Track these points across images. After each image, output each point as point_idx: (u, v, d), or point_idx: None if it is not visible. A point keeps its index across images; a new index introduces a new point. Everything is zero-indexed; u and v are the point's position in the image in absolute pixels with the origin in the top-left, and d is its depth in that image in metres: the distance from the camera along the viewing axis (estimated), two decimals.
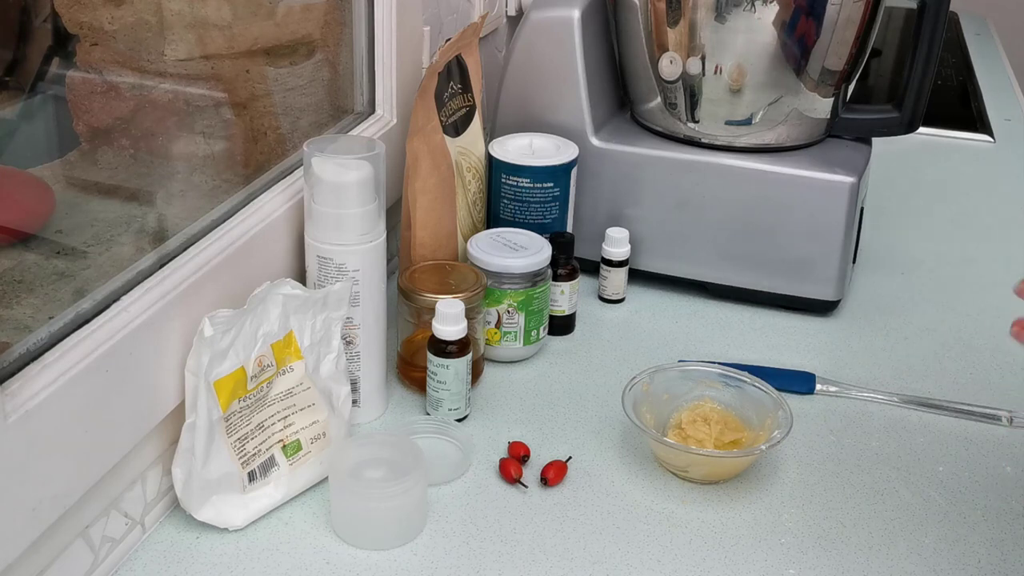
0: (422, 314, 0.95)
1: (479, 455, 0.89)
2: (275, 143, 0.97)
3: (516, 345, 1.01)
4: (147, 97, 0.84)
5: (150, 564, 0.76)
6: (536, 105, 1.15)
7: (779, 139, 1.12)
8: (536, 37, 1.14)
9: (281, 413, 0.82)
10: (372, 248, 0.87)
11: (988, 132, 1.70)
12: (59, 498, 0.67)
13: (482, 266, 0.99)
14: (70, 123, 0.81)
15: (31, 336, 0.67)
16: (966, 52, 2.17)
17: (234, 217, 0.86)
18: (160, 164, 0.88)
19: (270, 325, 0.80)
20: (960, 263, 1.26)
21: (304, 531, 0.80)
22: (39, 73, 0.82)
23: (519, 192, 1.08)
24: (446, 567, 0.77)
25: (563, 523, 0.82)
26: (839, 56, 1.08)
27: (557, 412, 0.95)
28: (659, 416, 0.90)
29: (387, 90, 1.08)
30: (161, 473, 0.80)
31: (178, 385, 0.77)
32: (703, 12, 1.06)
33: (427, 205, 1.01)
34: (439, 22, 1.18)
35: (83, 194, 0.82)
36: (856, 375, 1.02)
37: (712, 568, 0.78)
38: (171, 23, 0.85)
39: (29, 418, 0.63)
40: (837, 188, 1.08)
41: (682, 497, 0.85)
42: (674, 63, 1.10)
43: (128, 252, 0.78)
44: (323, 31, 1.02)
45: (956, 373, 1.03)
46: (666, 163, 1.12)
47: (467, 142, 1.06)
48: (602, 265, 1.13)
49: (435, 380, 0.91)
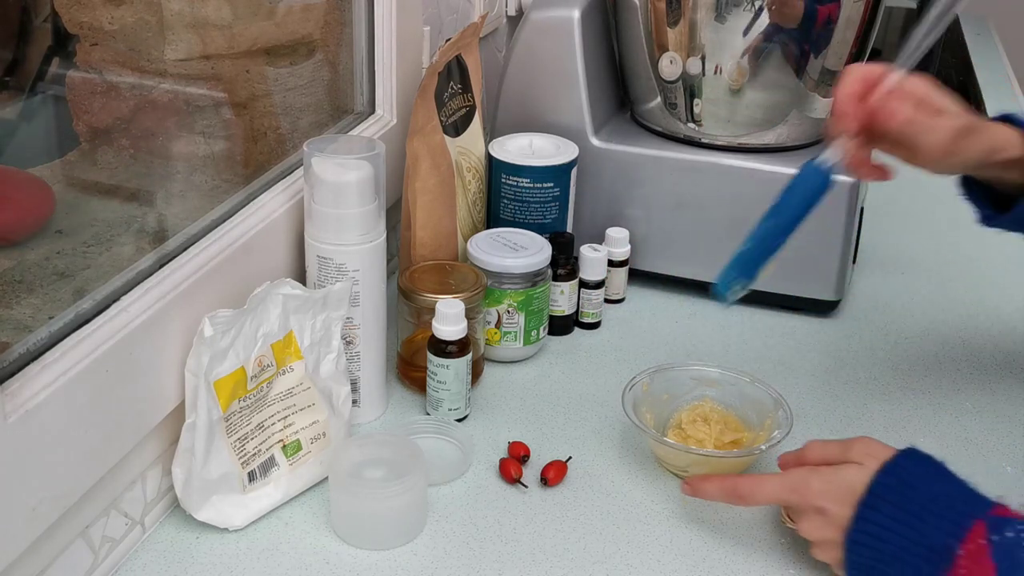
0: (422, 314, 0.95)
1: (479, 455, 0.89)
2: (275, 143, 0.97)
3: (516, 345, 1.01)
4: (147, 97, 0.84)
5: (150, 564, 0.76)
6: (536, 105, 1.15)
7: (779, 139, 1.12)
8: (536, 37, 1.14)
9: (281, 413, 0.82)
10: (372, 248, 0.87)
11: None
12: (59, 498, 0.67)
13: (482, 266, 0.99)
14: (70, 123, 0.82)
15: (31, 336, 0.67)
16: (966, 52, 2.17)
17: (234, 217, 0.86)
18: (160, 164, 0.88)
19: (270, 325, 0.80)
20: (960, 263, 1.26)
21: (304, 531, 0.80)
22: (39, 73, 0.82)
23: (519, 192, 1.08)
24: (446, 567, 0.77)
25: (563, 523, 0.82)
26: (839, 56, 1.08)
27: (557, 412, 0.95)
28: (659, 416, 0.90)
29: (387, 90, 1.08)
30: (161, 473, 0.80)
31: (178, 385, 0.77)
32: (703, 12, 1.06)
33: (427, 205, 1.01)
34: (439, 22, 1.18)
35: (83, 194, 0.82)
36: (856, 375, 1.02)
37: (712, 568, 0.78)
38: (171, 23, 0.85)
39: (29, 418, 0.63)
40: (837, 188, 1.07)
41: (682, 497, 0.85)
42: (674, 63, 1.10)
43: (128, 252, 0.78)
44: (323, 31, 1.02)
45: (956, 373, 1.03)
46: (666, 163, 1.12)
47: (467, 142, 1.06)
48: None
49: (435, 380, 0.91)
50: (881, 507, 0.71)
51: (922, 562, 0.69)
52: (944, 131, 0.80)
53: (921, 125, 0.80)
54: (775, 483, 0.77)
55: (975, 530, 0.68)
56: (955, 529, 0.69)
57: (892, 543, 0.70)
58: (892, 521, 0.70)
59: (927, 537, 0.69)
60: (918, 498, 0.71)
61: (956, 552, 0.68)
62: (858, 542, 0.71)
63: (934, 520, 0.69)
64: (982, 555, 0.67)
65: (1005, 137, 0.82)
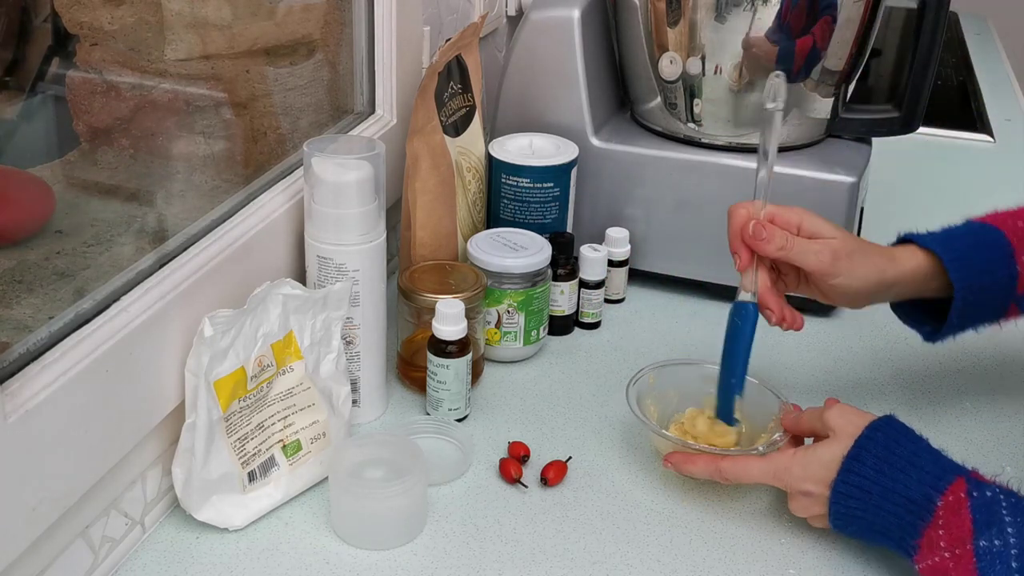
0: (422, 314, 0.95)
1: (479, 455, 0.89)
2: (275, 143, 0.97)
3: (516, 345, 1.01)
4: (147, 97, 0.84)
5: (150, 564, 0.76)
6: (536, 105, 1.15)
7: (779, 139, 1.11)
8: (536, 37, 1.14)
9: (281, 413, 0.82)
10: (372, 248, 0.87)
11: (988, 132, 1.70)
12: (59, 498, 0.67)
13: (482, 266, 0.99)
14: (70, 123, 0.82)
15: (31, 336, 0.67)
16: (966, 52, 2.17)
17: (234, 217, 0.86)
18: (160, 164, 0.88)
19: (270, 325, 0.80)
20: None
21: (304, 531, 0.80)
22: (39, 73, 0.82)
23: (519, 192, 1.08)
24: (446, 567, 0.77)
25: (563, 523, 0.82)
26: (839, 56, 1.08)
27: (557, 412, 0.95)
28: (663, 411, 0.90)
29: (387, 90, 1.08)
30: (161, 473, 0.80)
31: (178, 385, 0.77)
32: (703, 12, 1.06)
33: (427, 205, 1.01)
34: (439, 22, 1.18)
35: (83, 194, 0.82)
36: (856, 375, 1.02)
37: (712, 568, 0.78)
38: (171, 23, 0.85)
39: (29, 418, 0.63)
40: (837, 188, 1.08)
41: (682, 497, 0.85)
42: (674, 63, 1.10)
43: (128, 252, 0.78)
44: (323, 31, 1.02)
45: (956, 373, 1.03)
46: (666, 163, 1.12)
47: (467, 142, 1.06)
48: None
49: (435, 380, 0.91)
50: (865, 459, 0.75)
51: (903, 511, 0.73)
52: (821, 252, 0.85)
53: (795, 249, 0.85)
54: (759, 468, 0.80)
55: (956, 484, 0.72)
56: (936, 482, 0.72)
57: (874, 493, 0.74)
58: (875, 473, 0.74)
59: (909, 489, 0.73)
60: (903, 452, 0.75)
61: (936, 503, 0.71)
62: (843, 493, 0.75)
63: (916, 473, 0.73)
64: (961, 507, 0.70)
65: (900, 254, 0.88)
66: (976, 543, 0.68)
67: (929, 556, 0.70)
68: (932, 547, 0.70)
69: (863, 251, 0.87)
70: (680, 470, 0.83)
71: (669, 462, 0.83)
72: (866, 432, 0.76)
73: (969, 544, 0.68)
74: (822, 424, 0.80)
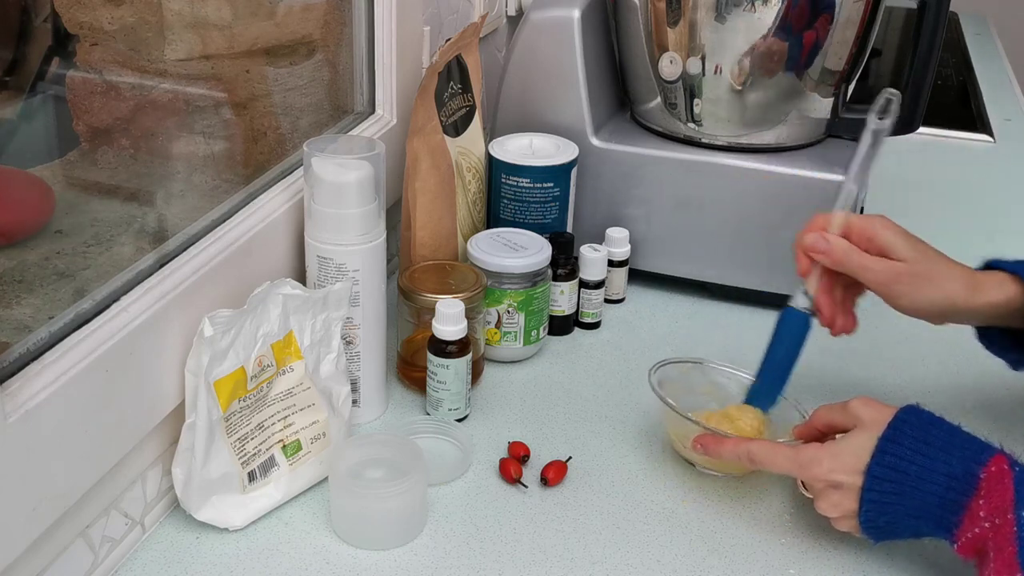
0: (422, 314, 0.95)
1: (479, 455, 0.89)
2: (275, 143, 0.97)
3: (516, 345, 1.01)
4: (147, 97, 0.84)
5: (150, 564, 0.76)
6: (536, 105, 1.15)
7: (779, 139, 1.12)
8: (536, 37, 1.14)
9: (281, 413, 0.82)
10: (372, 248, 0.87)
11: (988, 132, 1.70)
12: (59, 498, 0.67)
13: (482, 266, 0.99)
14: (70, 123, 0.82)
15: (31, 336, 0.67)
16: (966, 52, 2.17)
17: (234, 217, 0.86)
18: (160, 164, 0.88)
19: (270, 325, 0.80)
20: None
21: (304, 531, 0.80)
22: (39, 73, 0.82)
23: (519, 192, 1.08)
24: (446, 567, 0.77)
25: (563, 523, 0.82)
26: (839, 56, 1.08)
27: (557, 412, 0.95)
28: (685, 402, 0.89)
29: (387, 90, 1.08)
30: (161, 473, 0.80)
31: (178, 385, 0.77)
32: (703, 12, 1.06)
33: (427, 205, 1.01)
34: (439, 22, 1.18)
35: (83, 194, 0.82)
36: (856, 375, 1.02)
37: (712, 568, 0.78)
38: (171, 23, 0.85)
39: (29, 418, 0.63)
40: (837, 188, 1.07)
41: (682, 497, 0.85)
42: (674, 63, 1.10)
43: (128, 252, 0.78)
44: (323, 31, 1.02)
45: (957, 373, 1.03)
46: (666, 163, 1.12)
47: (467, 142, 1.06)
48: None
49: (435, 380, 0.91)
50: (902, 440, 0.73)
51: (943, 489, 0.71)
52: (880, 272, 0.82)
53: (852, 265, 0.83)
54: (788, 456, 0.78)
55: (997, 458, 0.70)
56: (977, 456, 0.71)
57: (911, 474, 0.72)
58: (913, 452, 0.72)
59: (950, 465, 0.71)
60: (938, 433, 0.73)
61: (979, 476, 0.70)
62: (878, 476, 0.73)
63: (957, 451, 0.72)
64: (1004, 477, 0.69)
65: (987, 282, 0.83)
66: (1018, 512, 0.67)
67: (969, 529, 0.69)
68: (973, 519, 0.69)
69: (933, 276, 0.83)
70: (709, 452, 0.81)
71: (699, 443, 0.81)
72: (900, 415, 0.74)
73: (1011, 513, 0.67)
74: (845, 416, 0.78)
